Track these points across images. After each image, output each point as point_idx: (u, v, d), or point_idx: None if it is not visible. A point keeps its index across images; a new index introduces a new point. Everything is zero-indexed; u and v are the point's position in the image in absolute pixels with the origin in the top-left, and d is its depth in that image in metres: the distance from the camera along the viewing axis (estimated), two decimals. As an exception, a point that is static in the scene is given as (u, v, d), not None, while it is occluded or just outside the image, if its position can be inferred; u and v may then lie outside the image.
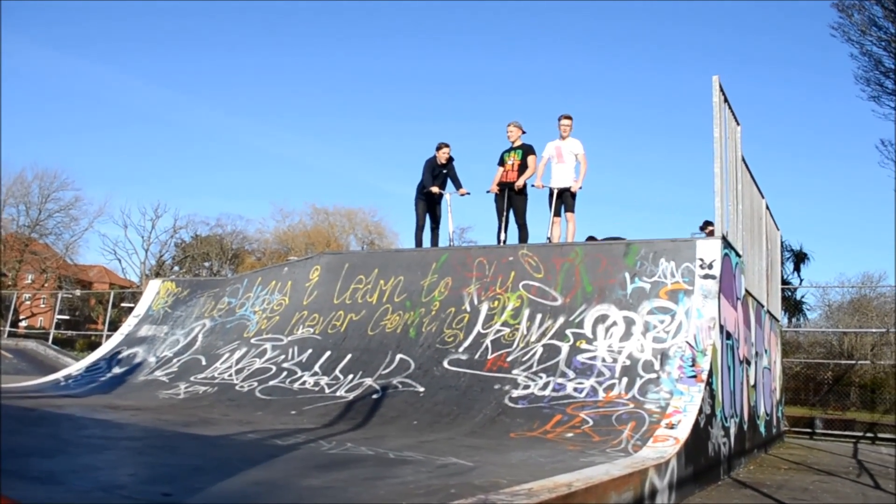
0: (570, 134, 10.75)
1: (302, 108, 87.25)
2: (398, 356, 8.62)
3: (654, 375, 7.12)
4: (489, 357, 8.11)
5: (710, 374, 7.01)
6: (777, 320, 14.03)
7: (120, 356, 11.18)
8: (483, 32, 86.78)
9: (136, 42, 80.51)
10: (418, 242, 11.57)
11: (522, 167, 10.83)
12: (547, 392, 7.35)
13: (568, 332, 8.01)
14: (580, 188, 10.58)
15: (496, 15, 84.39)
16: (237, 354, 9.88)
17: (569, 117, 10.76)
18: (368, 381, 8.36)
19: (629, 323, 7.78)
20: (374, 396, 8.03)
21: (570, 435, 6.58)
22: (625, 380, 7.20)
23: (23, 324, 48.30)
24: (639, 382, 7.10)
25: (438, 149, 11.51)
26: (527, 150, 10.93)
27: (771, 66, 78.69)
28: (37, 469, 4.04)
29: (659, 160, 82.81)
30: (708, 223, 15.09)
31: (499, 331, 8.40)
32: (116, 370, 10.73)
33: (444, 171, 11.57)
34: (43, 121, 79.57)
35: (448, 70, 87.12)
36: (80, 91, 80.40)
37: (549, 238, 10.56)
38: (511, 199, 10.84)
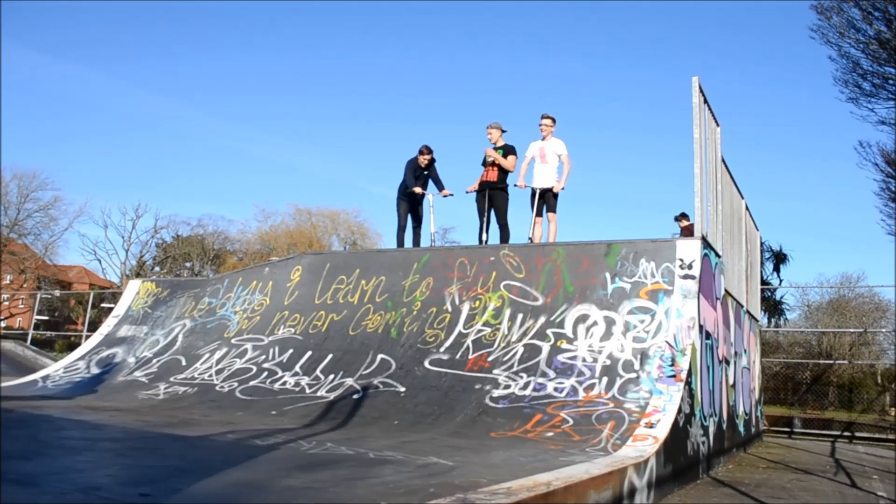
0: (553, 134, 10.81)
1: (285, 110, 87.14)
2: (379, 356, 8.62)
3: (633, 375, 7.17)
4: (470, 357, 8.12)
5: (690, 374, 7.07)
6: (756, 320, 14.16)
7: (99, 357, 11.09)
8: (466, 34, 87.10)
9: (118, 45, 79.95)
10: (400, 243, 11.57)
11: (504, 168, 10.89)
12: (528, 392, 7.37)
13: (549, 331, 8.04)
14: (562, 188, 10.63)
15: (480, 17, 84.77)
16: (217, 355, 9.83)
17: (548, 117, 10.80)
18: (349, 382, 8.35)
19: (609, 323, 7.82)
20: (356, 397, 8.02)
21: (550, 434, 6.61)
22: (605, 379, 7.24)
23: (1, 324, 47.82)
24: (619, 382, 7.14)
25: (421, 153, 11.51)
26: (508, 150, 10.97)
27: (751, 65, 79.51)
28: (15, 471, 4.01)
29: (643, 160, 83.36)
30: (683, 215, 15.29)
31: (480, 331, 8.42)
32: (96, 371, 10.64)
33: (426, 173, 11.58)
34: (24, 122, 78.70)
35: (431, 72, 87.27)
36: (61, 93, 79.68)
37: (530, 238, 10.60)
38: (492, 199, 10.86)
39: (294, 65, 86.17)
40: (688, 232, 14.92)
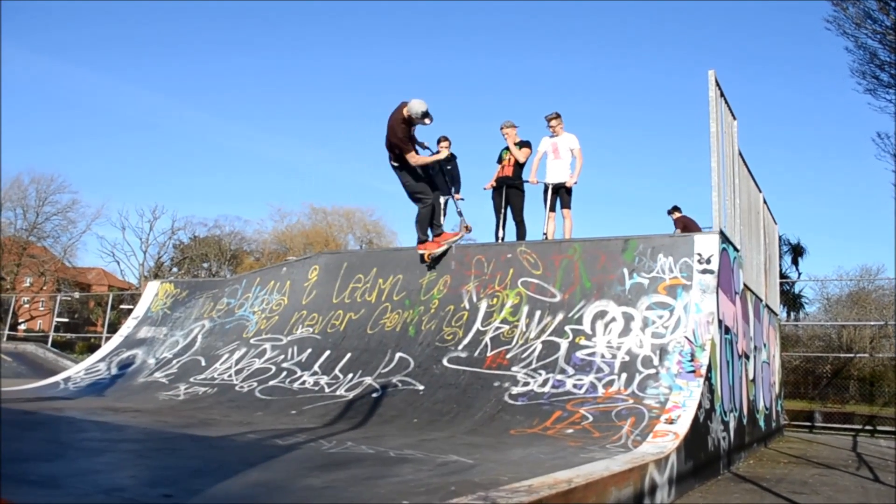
0: (563, 128, 10.77)
1: (298, 110, 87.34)
2: (398, 355, 8.62)
3: (653, 371, 7.12)
4: (488, 354, 8.10)
5: (709, 369, 7.01)
6: (776, 314, 14.04)
7: (119, 358, 11.17)
8: (478, 32, 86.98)
9: (128, 47, 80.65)
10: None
11: (519, 164, 10.85)
12: (546, 389, 7.35)
13: (567, 328, 8.00)
14: (575, 183, 10.60)
15: (491, 15, 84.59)
16: (237, 355, 9.87)
17: (552, 117, 10.75)
18: (368, 380, 8.35)
19: (628, 318, 7.78)
20: (374, 395, 8.03)
21: (569, 431, 6.58)
22: (624, 375, 7.20)
23: (22, 327, 48.35)
24: (638, 378, 7.10)
25: (438, 142, 11.48)
26: (523, 144, 10.94)
27: (766, 62, 78.91)
28: (36, 473, 4.04)
29: (657, 158, 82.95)
30: (675, 208, 15.26)
31: (498, 328, 8.40)
32: (116, 372, 10.71)
33: (448, 167, 11.53)
34: (38, 126, 79.44)
35: (444, 70, 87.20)
36: (75, 96, 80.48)
37: (545, 234, 10.57)
38: (508, 196, 10.83)
39: (306, 64, 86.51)
40: (681, 224, 14.92)
